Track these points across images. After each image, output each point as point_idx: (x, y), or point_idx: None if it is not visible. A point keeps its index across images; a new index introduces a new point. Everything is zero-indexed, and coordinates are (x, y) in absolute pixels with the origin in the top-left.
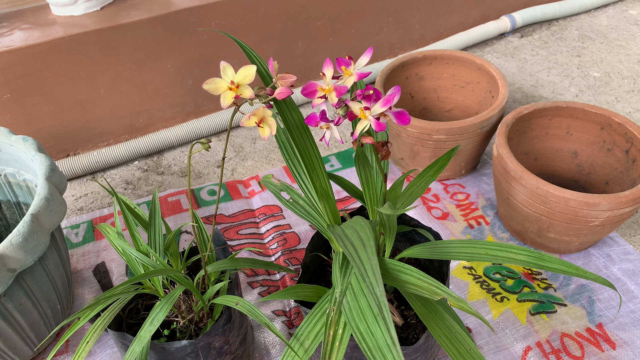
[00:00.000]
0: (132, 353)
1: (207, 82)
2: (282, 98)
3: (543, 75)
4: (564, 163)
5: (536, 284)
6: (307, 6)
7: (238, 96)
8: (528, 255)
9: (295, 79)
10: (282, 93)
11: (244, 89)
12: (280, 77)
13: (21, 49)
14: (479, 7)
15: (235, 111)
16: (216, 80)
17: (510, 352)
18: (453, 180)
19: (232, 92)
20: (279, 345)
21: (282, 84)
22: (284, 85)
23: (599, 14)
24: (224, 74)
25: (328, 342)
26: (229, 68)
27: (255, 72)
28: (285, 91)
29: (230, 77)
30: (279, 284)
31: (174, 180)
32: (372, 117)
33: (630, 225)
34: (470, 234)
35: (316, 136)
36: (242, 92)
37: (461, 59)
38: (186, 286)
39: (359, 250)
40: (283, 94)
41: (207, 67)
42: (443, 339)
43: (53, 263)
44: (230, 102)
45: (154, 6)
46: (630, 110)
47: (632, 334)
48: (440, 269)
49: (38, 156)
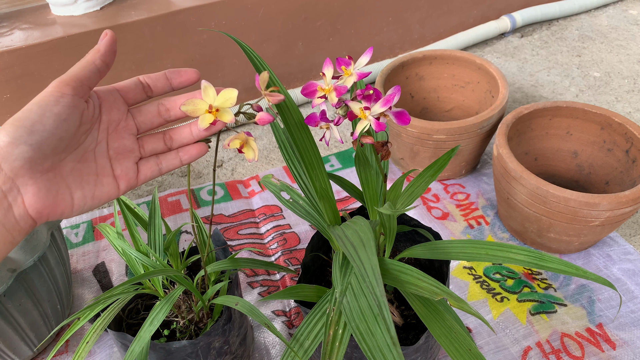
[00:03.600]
0: (132, 353)
1: (185, 103)
2: (263, 124)
3: (543, 75)
4: (564, 163)
5: (536, 284)
6: (307, 6)
7: (216, 121)
8: (528, 255)
9: (283, 98)
10: (262, 119)
11: (224, 112)
12: (268, 94)
13: (21, 49)
14: (479, 7)
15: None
16: (195, 101)
17: (510, 352)
18: (453, 180)
19: (211, 115)
20: (279, 345)
21: (269, 101)
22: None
23: (599, 14)
24: (204, 95)
25: (328, 342)
26: (211, 88)
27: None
28: (266, 117)
29: (211, 100)
30: (279, 284)
31: (174, 180)
32: (372, 117)
33: (630, 225)
34: (470, 234)
35: (316, 136)
36: (221, 116)
37: (461, 59)
38: (186, 286)
39: (358, 250)
40: (264, 120)
41: (207, 67)
42: (443, 339)
43: (53, 263)
44: (207, 125)
45: (154, 6)
46: (631, 110)
47: (632, 334)
48: (440, 269)
49: None
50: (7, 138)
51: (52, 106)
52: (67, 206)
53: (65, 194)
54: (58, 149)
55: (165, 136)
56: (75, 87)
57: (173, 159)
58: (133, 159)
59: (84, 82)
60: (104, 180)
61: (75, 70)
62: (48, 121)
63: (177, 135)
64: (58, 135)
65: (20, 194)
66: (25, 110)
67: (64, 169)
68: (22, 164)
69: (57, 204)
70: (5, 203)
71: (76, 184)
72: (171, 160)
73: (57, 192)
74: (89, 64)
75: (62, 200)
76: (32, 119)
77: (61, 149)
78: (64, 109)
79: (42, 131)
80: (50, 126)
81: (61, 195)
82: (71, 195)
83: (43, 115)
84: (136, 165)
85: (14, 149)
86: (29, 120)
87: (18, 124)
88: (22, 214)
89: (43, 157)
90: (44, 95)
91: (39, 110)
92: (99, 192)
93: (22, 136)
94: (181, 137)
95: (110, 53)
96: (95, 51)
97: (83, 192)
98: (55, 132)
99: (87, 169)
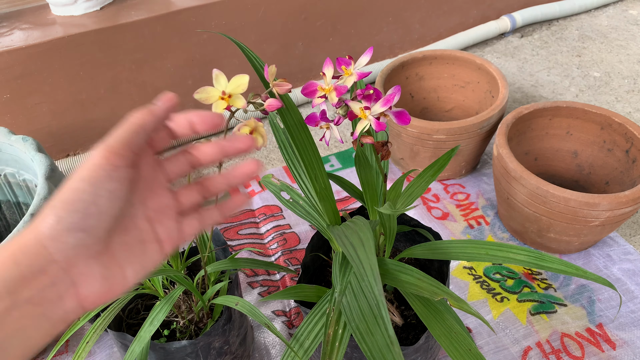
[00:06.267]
0: (132, 353)
1: (199, 91)
2: (271, 110)
3: (543, 75)
4: (564, 163)
5: (536, 284)
6: (307, 6)
7: (230, 107)
8: (528, 255)
9: (290, 87)
10: (271, 105)
11: (236, 98)
12: (276, 84)
13: (21, 49)
14: (479, 7)
15: (230, 117)
16: (208, 89)
17: (510, 352)
18: (453, 180)
19: (224, 102)
20: (279, 345)
21: (277, 91)
22: (280, 92)
23: (599, 14)
24: (216, 83)
25: (328, 342)
26: (222, 76)
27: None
28: (275, 103)
29: (223, 87)
30: (279, 284)
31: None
32: (372, 117)
33: (630, 225)
34: (470, 234)
35: (316, 136)
36: (234, 102)
37: (461, 59)
38: (186, 286)
39: (358, 250)
40: (272, 107)
41: (207, 67)
42: (443, 339)
43: None
44: (222, 111)
45: (154, 6)
46: (631, 110)
47: (632, 334)
48: (440, 269)
49: (38, 156)
50: (59, 225)
51: (104, 183)
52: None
53: (118, 274)
54: (110, 229)
55: (200, 187)
56: (127, 156)
57: (213, 214)
58: (174, 217)
59: (134, 150)
60: (150, 247)
61: (124, 135)
62: (101, 201)
63: (213, 187)
64: (112, 215)
65: (74, 286)
66: (74, 190)
67: (114, 248)
68: (78, 252)
69: (112, 289)
70: (55, 296)
71: (126, 260)
72: (213, 217)
73: (112, 276)
74: (140, 128)
75: (116, 283)
76: (85, 200)
77: (113, 227)
78: (118, 185)
79: (98, 214)
80: (105, 206)
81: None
82: (123, 274)
83: (96, 195)
84: (177, 223)
85: (69, 237)
86: (82, 203)
87: (71, 208)
88: (74, 306)
89: (97, 241)
90: (93, 169)
91: (91, 190)
92: (147, 262)
93: (77, 222)
94: (216, 188)
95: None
96: (149, 114)
97: (133, 267)
98: (110, 212)
99: (132, 239)
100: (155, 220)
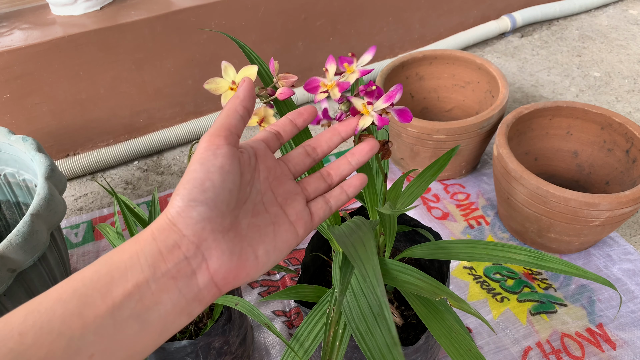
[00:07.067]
0: None
1: (208, 81)
2: (283, 98)
3: (543, 75)
4: (565, 163)
5: (536, 284)
6: (307, 6)
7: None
8: (528, 255)
9: (296, 79)
10: (283, 93)
11: None
12: (282, 77)
13: (21, 49)
14: (479, 6)
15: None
16: (217, 80)
17: (510, 352)
18: (453, 180)
19: (233, 92)
20: (279, 345)
21: (283, 84)
22: (285, 85)
23: (599, 14)
24: (225, 74)
25: (328, 342)
26: (230, 68)
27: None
28: (287, 91)
29: (232, 77)
30: (278, 284)
31: (174, 180)
32: (375, 113)
33: (630, 225)
34: (470, 234)
35: None
36: None
37: (461, 59)
38: None
39: (359, 250)
40: (284, 95)
41: (207, 67)
42: (443, 339)
43: (53, 263)
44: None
45: (154, 6)
46: (631, 110)
47: (632, 334)
48: (441, 269)
49: (37, 156)
50: (182, 202)
51: (212, 160)
52: (252, 266)
53: (248, 252)
54: (231, 204)
55: (324, 174)
56: (226, 136)
57: (340, 194)
58: (302, 202)
59: (232, 130)
60: (282, 228)
61: (221, 120)
62: (214, 176)
63: (335, 170)
64: (227, 189)
65: (205, 260)
66: (189, 171)
67: (241, 227)
68: (204, 225)
69: (242, 265)
70: (189, 270)
71: (257, 240)
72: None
73: (241, 253)
74: (232, 112)
75: (247, 260)
76: (199, 178)
77: (233, 204)
78: (225, 160)
79: (213, 187)
80: (218, 180)
81: (245, 255)
82: (255, 253)
83: (208, 172)
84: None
85: (192, 211)
86: (197, 180)
87: (189, 186)
88: (207, 281)
89: (220, 215)
90: (200, 153)
91: (202, 168)
92: (280, 243)
93: (196, 197)
94: (340, 170)
95: (250, 99)
96: (235, 98)
97: (265, 247)
98: (224, 186)
99: (263, 221)
100: (285, 205)
